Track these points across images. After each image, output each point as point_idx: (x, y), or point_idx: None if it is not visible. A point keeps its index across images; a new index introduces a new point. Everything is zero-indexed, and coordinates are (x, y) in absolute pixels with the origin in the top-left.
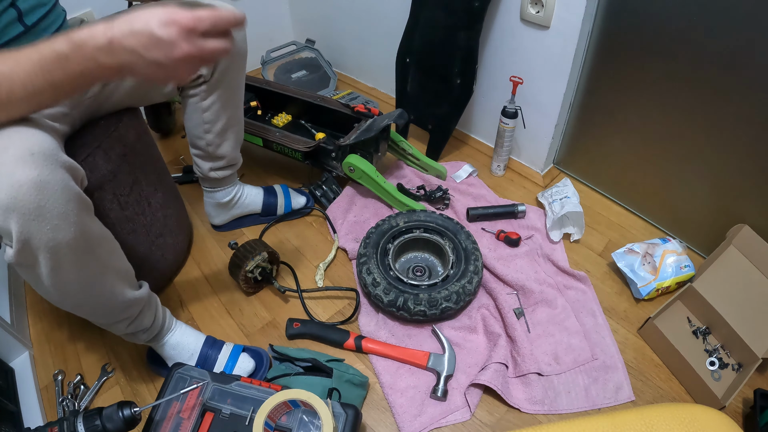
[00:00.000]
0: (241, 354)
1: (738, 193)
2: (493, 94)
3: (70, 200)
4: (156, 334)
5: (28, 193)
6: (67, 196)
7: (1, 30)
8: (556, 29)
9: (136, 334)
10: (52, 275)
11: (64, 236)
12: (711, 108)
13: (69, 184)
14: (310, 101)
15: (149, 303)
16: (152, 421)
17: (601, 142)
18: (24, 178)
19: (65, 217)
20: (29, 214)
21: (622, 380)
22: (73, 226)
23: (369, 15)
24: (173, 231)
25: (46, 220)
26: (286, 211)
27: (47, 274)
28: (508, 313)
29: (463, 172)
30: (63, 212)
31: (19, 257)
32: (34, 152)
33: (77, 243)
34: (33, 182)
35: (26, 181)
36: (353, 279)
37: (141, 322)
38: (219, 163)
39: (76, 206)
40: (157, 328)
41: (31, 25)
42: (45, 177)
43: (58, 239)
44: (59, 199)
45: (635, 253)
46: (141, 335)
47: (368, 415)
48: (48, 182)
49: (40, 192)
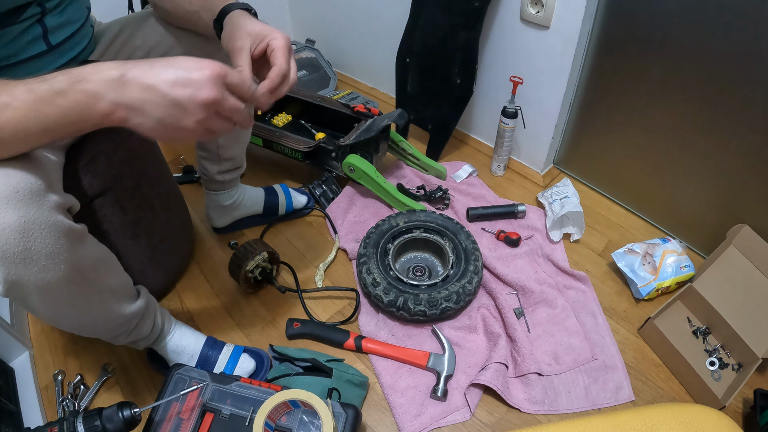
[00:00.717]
0: (242, 355)
1: (738, 193)
2: (493, 94)
3: (59, 237)
4: (155, 338)
5: (13, 236)
6: (56, 235)
7: (23, 46)
8: (556, 29)
9: (136, 342)
10: (45, 308)
11: (53, 275)
12: (711, 108)
13: (56, 220)
14: (310, 101)
15: (147, 311)
16: (152, 422)
17: (601, 142)
18: (7, 220)
19: (54, 256)
20: (15, 258)
21: (622, 380)
22: (63, 263)
23: (369, 15)
24: (176, 235)
25: (34, 262)
26: (287, 210)
27: (39, 307)
28: (508, 313)
29: (463, 172)
30: (51, 252)
31: (9, 294)
32: (19, 190)
33: (69, 278)
34: (17, 225)
35: (9, 225)
36: (353, 279)
37: (140, 332)
38: (226, 165)
39: (66, 242)
40: (156, 334)
41: (55, 45)
42: (30, 218)
43: (47, 279)
44: (47, 239)
45: (635, 253)
46: (140, 342)
47: (368, 415)
48: (34, 223)
49: (26, 235)
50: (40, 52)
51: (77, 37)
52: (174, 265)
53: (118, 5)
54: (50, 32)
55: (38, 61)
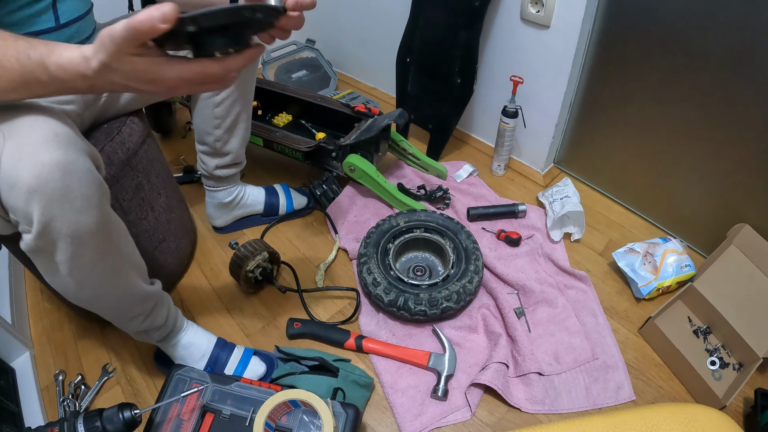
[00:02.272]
0: (252, 357)
1: (739, 192)
2: (494, 94)
3: (93, 184)
4: (168, 332)
5: (53, 173)
6: (91, 179)
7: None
8: (557, 29)
9: (149, 332)
10: (71, 263)
11: (86, 220)
12: (711, 107)
13: (91, 167)
14: (310, 101)
15: (162, 299)
16: (152, 423)
17: (602, 142)
18: (49, 158)
19: (89, 200)
20: (53, 194)
21: (622, 380)
22: (96, 210)
23: (369, 15)
24: (176, 235)
25: (70, 201)
26: (288, 210)
27: (66, 261)
28: (509, 312)
29: (463, 172)
30: (87, 195)
31: (38, 241)
32: (59, 133)
33: (98, 229)
34: (58, 163)
35: (51, 162)
36: (354, 279)
37: (155, 319)
38: (225, 160)
39: (99, 191)
40: (170, 326)
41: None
42: (70, 158)
43: (80, 223)
44: (84, 181)
45: (636, 252)
46: (154, 333)
47: (369, 415)
48: (73, 163)
49: (66, 173)
50: (48, 28)
51: (84, 23)
52: (174, 265)
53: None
54: (60, 7)
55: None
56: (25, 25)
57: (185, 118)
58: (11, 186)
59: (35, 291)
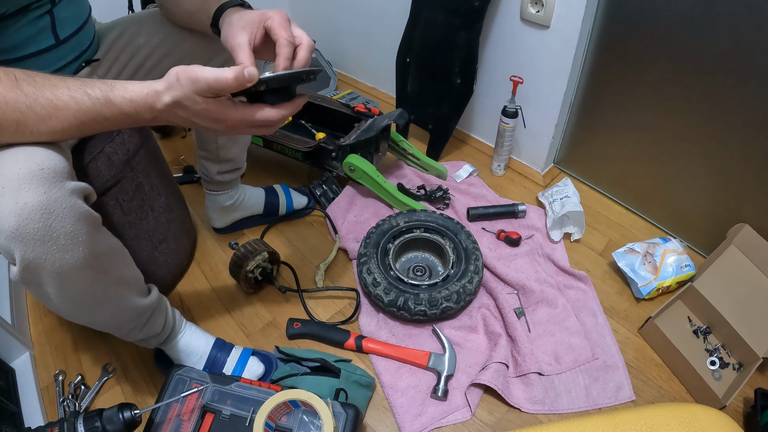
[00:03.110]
0: (251, 358)
1: (739, 192)
2: (494, 94)
3: (79, 220)
4: (166, 337)
5: (34, 213)
6: (76, 215)
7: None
8: (556, 29)
9: (147, 339)
10: (61, 295)
11: (71, 258)
12: (711, 107)
13: (77, 203)
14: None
15: (159, 307)
16: (152, 423)
17: (602, 142)
18: (31, 198)
19: (74, 237)
20: (35, 235)
21: (622, 380)
22: (82, 245)
23: (369, 15)
24: (176, 236)
25: (53, 241)
26: (288, 210)
27: (55, 294)
28: (509, 312)
29: (463, 172)
30: (71, 233)
31: (23, 276)
32: (44, 168)
33: (86, 262)
34: (40, 203)
35: (33, 201)
36: (353, 279)
37: (152, 328)
38: (226, 166)
39: (85, 226)
40: (167, 332)
41: (63, 39)
42: (53, 197)
43: (65, 260)
44: (68, 219)
45: (636, 252)
46: (152, 340)
47: (369, 415)
48: (56, 202)
49: (48, 213)
50: (48, 46)
51: (83, 34)
52: (174, 266)
53: (118, 5)
54: (58, 24)
55: (45, 56)
56: (25, 46)
57: None
58: None
59: None
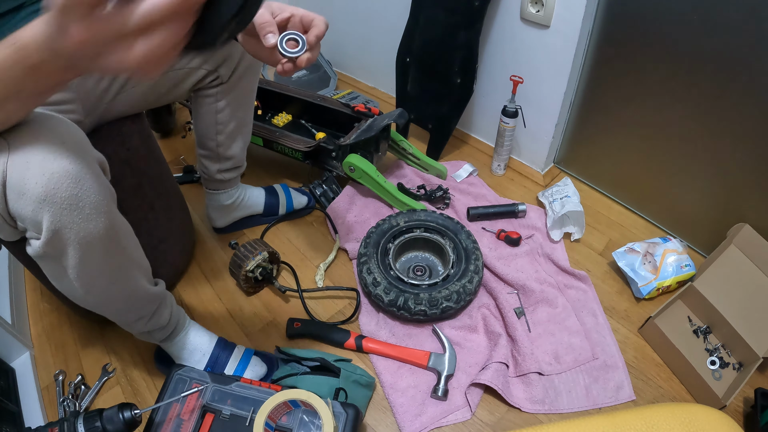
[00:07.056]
0: (252, 358)
1: (739, 191)
2: (494, 94)
3: (102, 190)
4: (171, 332)
5: (63, 182)
6: (99, 186)
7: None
8: (557, 28)
9: (152, 332)
10: (79, 268)
11: (95, 227)
12: (711, 107)
13: (100, 173)
14: (310, 101)
15: (165, 301)
16: (152, 423)
17: (602, 142)
18: (58, 167)
19: (98, 206)
20: (63, 203)
21: (622, 380)
22: (104, 215)
23: (369, 15)
24: (176, 236)
25: (80, 209)
26: (288, 210)
27: (74, 266)
28: (509, 312)
29: (463, 172)
30: (96, 202)
31: (47, 248)
32: (66, 141)
33: (107, 234)
34: (68, 172)
35: (61, 171)
36: (354, 279)
37: (159, 320)
38: (226, 164)
39: (108, 196)
40: (172, 326)
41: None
42: (79, 166)
43: (89, 229)
44: (93, 188)
45: (636, 252)
46: (157, 333)
47: (369, 415)
48: (82, 171)
49: (76, 182)
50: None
51: None
52: (174, 265)
53: None
54: None
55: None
56: None
57: (185, 118)
58: (19, 195)
59: (35, 291)
